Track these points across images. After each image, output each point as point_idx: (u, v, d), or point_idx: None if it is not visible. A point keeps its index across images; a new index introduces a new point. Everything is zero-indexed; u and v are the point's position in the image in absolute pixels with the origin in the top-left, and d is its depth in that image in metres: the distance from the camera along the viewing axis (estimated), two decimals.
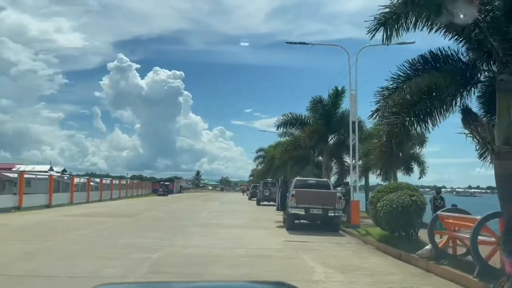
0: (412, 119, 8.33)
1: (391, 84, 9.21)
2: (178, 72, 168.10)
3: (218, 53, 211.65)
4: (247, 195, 66.58)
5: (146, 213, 23.92)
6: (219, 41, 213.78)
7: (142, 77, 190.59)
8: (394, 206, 11.58)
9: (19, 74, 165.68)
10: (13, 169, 53.20)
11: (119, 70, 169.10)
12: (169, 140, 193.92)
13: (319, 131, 22.88)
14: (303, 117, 25.21)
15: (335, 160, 25.43)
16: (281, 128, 28.20)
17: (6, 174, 37.52)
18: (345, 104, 23.93)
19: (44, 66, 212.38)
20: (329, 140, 24.19)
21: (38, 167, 77.39)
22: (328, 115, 23.27)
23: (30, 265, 8.36)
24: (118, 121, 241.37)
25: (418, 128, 8.61)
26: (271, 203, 38.14)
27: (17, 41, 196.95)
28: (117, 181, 50.24)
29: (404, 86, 8.71)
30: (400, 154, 9.46)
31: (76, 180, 35.84)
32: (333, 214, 16.35)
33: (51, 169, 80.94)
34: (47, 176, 31.10)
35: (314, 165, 29.16)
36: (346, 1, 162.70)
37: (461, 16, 7.10)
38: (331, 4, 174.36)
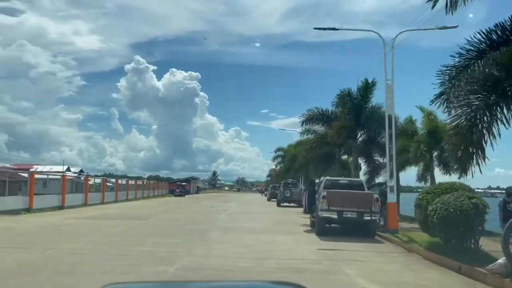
0: (498, 98, 6.56)
1: (458, 62, 7.46)
2: (194, 73, 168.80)
3: (234, 54, 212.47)
4: (266, 195, 64.99)
5: (161, 215, 22.49)
6: (235, 41, 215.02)
7: (159, 78, 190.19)
8: (451, 210, 9.77)
9: (38, 76, 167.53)
10: (31, 169, 52.63)
11: (136, 72, 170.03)
12: (186, 140, 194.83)
13: (348, 126, 21.15)
14: (330, 112, 23.47)
15: (364, 159, 23.60)
16: (305, 125, 26.60)
17: (21, 174, 36.85)
18: (375, 98, 22.18)
19: (63, 68, 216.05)
20: (358, 136, 22.36)
21: (55, 168, 77.37)
22: (357, 109, 21.45)
23: (18, 282, 6.85)
24: (135, 122, 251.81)
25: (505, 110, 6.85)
26: (292, 204, 36.59)
27: (36, 44, 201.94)
28: (132, 182, 49.20)
29: (479, 62, 6.96)
30: (487, 143, 7.62)
31: (91, 180, 34.85)
32: (369, 217, 14.57)
33: (68, 169, 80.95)
34: (60, 177, 29.92)
35: (339, 164, 27.35)
36: (362, 1, 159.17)
37: None
38: (347, 4, 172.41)
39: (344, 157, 29.06)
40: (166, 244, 11.55)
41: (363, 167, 24.18)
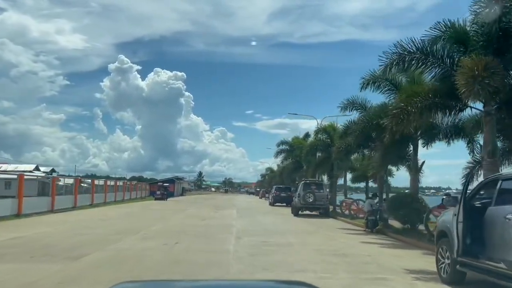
0: None
1: None
2: (179, 73, 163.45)
3: (219, 54, 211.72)
4: (267, 199, 54.65)
5: (112, 246, 11.82)
6: (221, 42, 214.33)
7: (143, 78, 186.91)
8: None
9: (20, 75, 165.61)
10: None
11: (119, 72, 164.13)
12: (170, 141, 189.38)
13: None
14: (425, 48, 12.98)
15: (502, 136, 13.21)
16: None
17: None
18: None
19: (45, 67, 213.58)
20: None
21: (22, 167, 67.70)
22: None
23: None
24: (119, 123, 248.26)
25: None
26: (313, 212, 26.31)
27: (17, 43, 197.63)
28: (101, 182, 38.85)
29: None
30: None
31: (61, 181, 28.93)
32: None
33: (36, 168, 70.84)
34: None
35: (415, 151, 16.93)
36: (348, 3, 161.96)
37: None
38: (333, 6, 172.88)
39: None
40: None
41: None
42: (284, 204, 40.95)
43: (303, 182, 26.79)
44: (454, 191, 26.03)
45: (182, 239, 13.07)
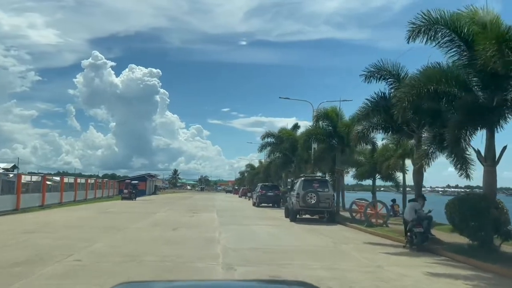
0: None
1: None
2: (155, 70, 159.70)
3: (196, 52, 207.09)
4: (249, 198, 49.18)
5: None
6: (198, 39, 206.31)
7: (118, 74, 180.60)
8: None
9: None
10: None
11: (93, 68, 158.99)
12: (145, 139, 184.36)
13: None
14: None
15: None
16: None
17: None
18: None
19: (16, 62, 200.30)
20: None
21: None
22: None
23: None
24: (93, 120, 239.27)
25: None
26: (315, 216, 21.00)
27: None
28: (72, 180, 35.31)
29: None
30: None
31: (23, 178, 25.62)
32: None
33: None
34: None
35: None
36: (324, 2, 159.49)
37: None
38: (309, 4, 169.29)
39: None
40: None
41: None
42: (271, 205, 35.63)
43: (302, 179, 21.22)
44: None
45: (126, 279, 7.34)
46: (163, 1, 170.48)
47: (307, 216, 21.12)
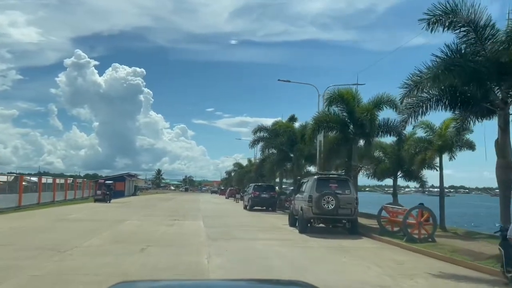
0: None
1: None
2: (139, 69, 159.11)
3: (180, 51, 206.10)
4: (238, 200, 44.24)
5: None
6: (182, 39, 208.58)
7: (101, 74, 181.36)
8: None
9: None
10: None
11: (76, 67, 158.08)
12: (129, 139, 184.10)
13: None
14: None
15: None
16: None
17: None
18: None
19: None
20: None
21: None
22: None
23: None
24: (76, 119, 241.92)
25: None
26: (322, 225, 16.17)
27: None
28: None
29: None
30: None
31: None
32: None
33: None
34: None
35: None
36: (309, 2, 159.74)
37: None
38: (294, 5, 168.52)
39: None
40: None
41: None
42: (264, 208, 30.73)
43: (316, 177, 16.17)
44: None
45: None
46: (147, 0, 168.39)
47: (320, 224, 16.25)
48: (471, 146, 17.57)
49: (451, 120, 15.62)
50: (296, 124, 32.52)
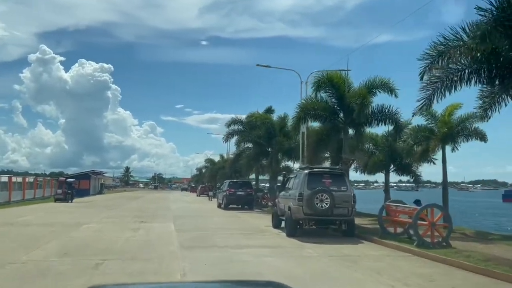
0: None
1: None
2: (106, 66, 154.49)
3: (149, 47, 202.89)
4: (210, 197, 41.93)
5: None
6: (150, 35, 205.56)
7: (67, 70, 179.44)
8: None
9: None
10: None
11: (41, 62, 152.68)
12: (96, 136, 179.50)
13: None
14: None
15: None
16: None
17: None
18: None
19: None
20: None
21: None
22: None
23: None
24: (41, 116, 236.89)
25: None
26: (312, 227, 14.03)
27: None
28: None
29: None
30: None
31: None
32: None
33: None
34: None
35: None
36: None
37: None
38: (263, 1, 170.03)
39: None
40: None
41: None
42: (240, 207, 28.44)
43: (307, 172, 13.88)
44: None
45: None
46: None
47: (311, 226, 14.03)
48: (482, 136, 15.71)
49: (457, 105, 13.74)
50: (274, 116, 30.31)
